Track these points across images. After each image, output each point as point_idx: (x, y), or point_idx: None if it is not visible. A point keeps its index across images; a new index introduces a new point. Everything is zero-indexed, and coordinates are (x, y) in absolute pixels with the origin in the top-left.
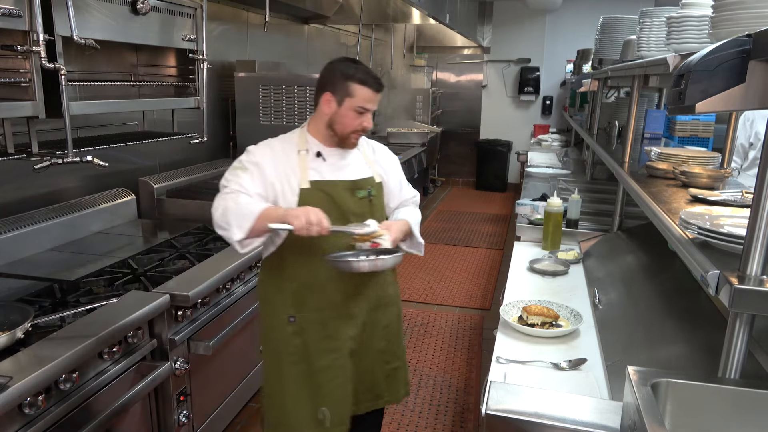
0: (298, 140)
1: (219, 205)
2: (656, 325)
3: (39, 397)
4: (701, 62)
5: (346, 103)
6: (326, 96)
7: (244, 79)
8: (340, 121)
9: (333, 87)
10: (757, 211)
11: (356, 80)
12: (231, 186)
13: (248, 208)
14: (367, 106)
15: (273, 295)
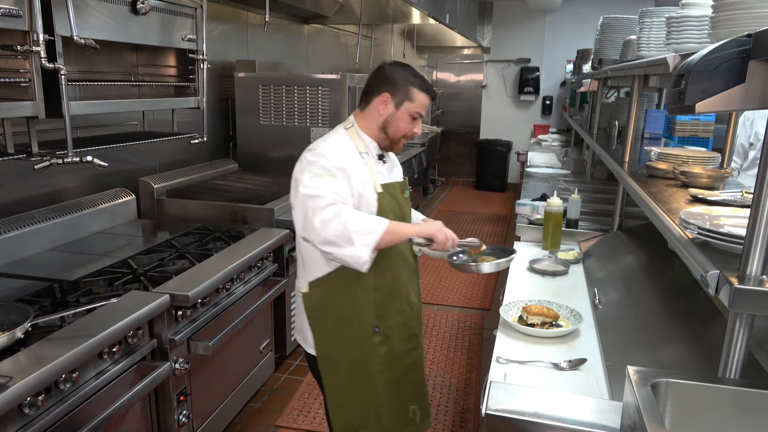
0: (356, 141)
1: (331, 220)
2: (656, 325)
3: (39, 397)
4: (701, 62)
5: (404, 107)
6: (384, 96)
7: (244, 79)
8: (395, 124)
9: (393, 89)
10: (757, 211)
11: (417, 86)
12: (328, 196)
13: (371, 222)
14: (422, 112)
15: (347, 307)
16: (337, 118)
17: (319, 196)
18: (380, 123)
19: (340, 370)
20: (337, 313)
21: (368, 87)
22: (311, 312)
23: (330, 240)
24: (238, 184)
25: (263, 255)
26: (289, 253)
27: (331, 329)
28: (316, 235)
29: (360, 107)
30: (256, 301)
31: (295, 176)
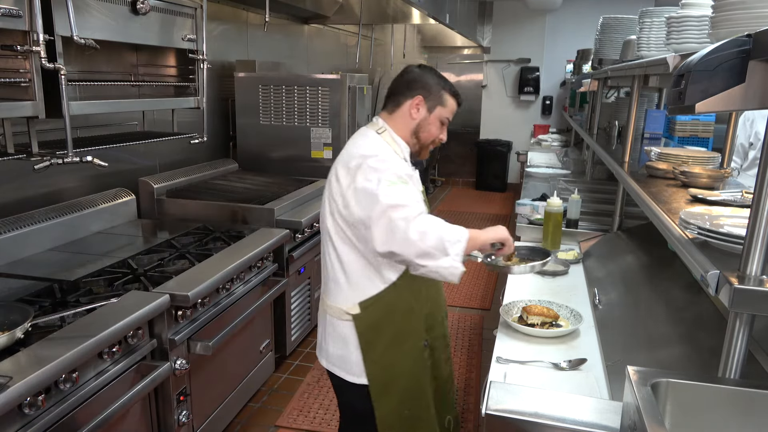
0: (394, 147)
1: (427, 231)
2: (656, 325)
3: (39, 397)
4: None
5: (436, 111)
6: (417, 100)
7: (244, 79)
8: (426, 129)
9: (426, 92)
10: (757, 211)
11: (449, 90)
12: (413, 206)
13: (455, 230)
14: (450, 118)
15: (403, 324)
16: (337, 118)
17: (405, 205)
18: (413, 127)
19: (394, 394)
20: (392, 332)
21: (397, 89)
22: (365, 335)
23: (427, 252)
24: (238, 184)
25: (263, 255)
26: (289, 253)
27: (385, 351)
28: (413, 246)
29: (387, 110)
30: (256, 301)
31: (362, 186)
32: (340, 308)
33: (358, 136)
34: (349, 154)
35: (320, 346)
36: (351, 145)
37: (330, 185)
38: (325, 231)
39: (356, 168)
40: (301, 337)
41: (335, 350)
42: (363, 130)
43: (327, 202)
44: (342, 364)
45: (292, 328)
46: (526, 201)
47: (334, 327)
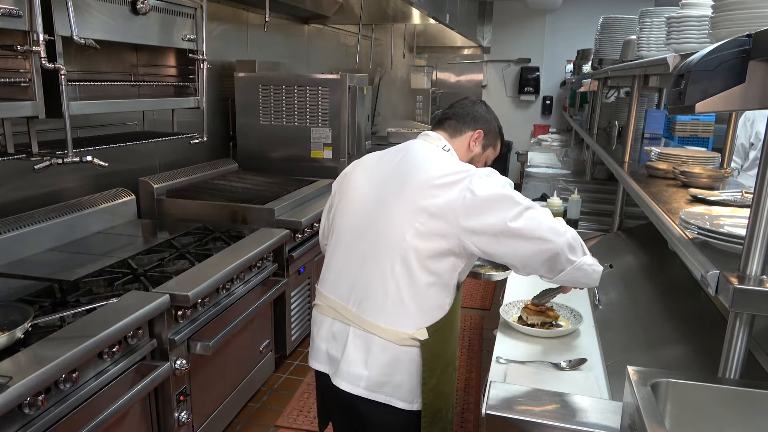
0: None
1: (558, 224)
2: (656, 325)
3: (39, 397)
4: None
5: (487, 152)
6: (477, 134)
7: (244, 79)
8: (474, 164)
9: (487, 131)
10: (757, 211)
11: (501, 137)
12: (535, 204)
13: None
14: (490, 164)
15: (453, 347)
16: (337, 118)
17: (532, 205)
18: (467, 158)
19: (442, 419)
20: (448, 357)
21: (462, 116)
22: (429, 361)
23: (573, 244)
24: (238, 184)
25: (263, 255)
26: (289, 253)
27: (441, 375)
28: (561, 236)
29: (447, 132)
30: (256, 301)
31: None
32: (403, 333)
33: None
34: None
35: (348, 373)
36: (425, 162)
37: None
38: (389, 249)
39: (463, 180)
40: (301, 337)
41: (380, 377)
42: (425, 145)
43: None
44: (391, 390)
45: (292, 328)
46: None
47: (389, 352)
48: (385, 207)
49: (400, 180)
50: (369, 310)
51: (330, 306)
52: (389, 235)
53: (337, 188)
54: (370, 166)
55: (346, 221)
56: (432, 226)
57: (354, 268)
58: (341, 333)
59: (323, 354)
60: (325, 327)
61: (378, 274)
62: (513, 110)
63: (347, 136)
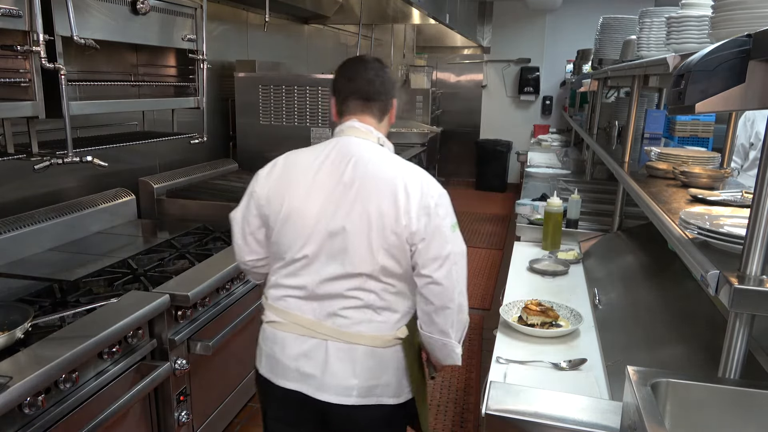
0: None
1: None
2: (656, 325)
3: (39, 397)
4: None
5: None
6: (394, 103)
7: (244, 79)
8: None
9: (395, 90)
10: (757, 211)
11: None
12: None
13: None
14: None
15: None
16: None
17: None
18: (387, 131)
19: (425, 399)
20: (418, 340)
21: (382, 95)
22: (410, 354)
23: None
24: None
25: None
26: None
27: (419, 360)
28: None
29: (376, 118)
30: (257, 301)
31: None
32: (387, 336)
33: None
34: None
35: (334, 386)
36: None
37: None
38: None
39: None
40: None
41: (370, 381)
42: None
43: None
44: (381, 391)
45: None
46: (526, 201)
47: (375, 357)
48: (353, 230)
49: (363, 201)
50: (348, 322)
51: (297, 323)
52: (360, 256)
53: (264, 200)
54: (308, 174)
55: (302, 242)
56: (398, 249)
57: (325, 286)
58: (316, 350)
59: (293, 372)
60: (292, 346)
61: (353, 291)
62: (513, 110)
63: None
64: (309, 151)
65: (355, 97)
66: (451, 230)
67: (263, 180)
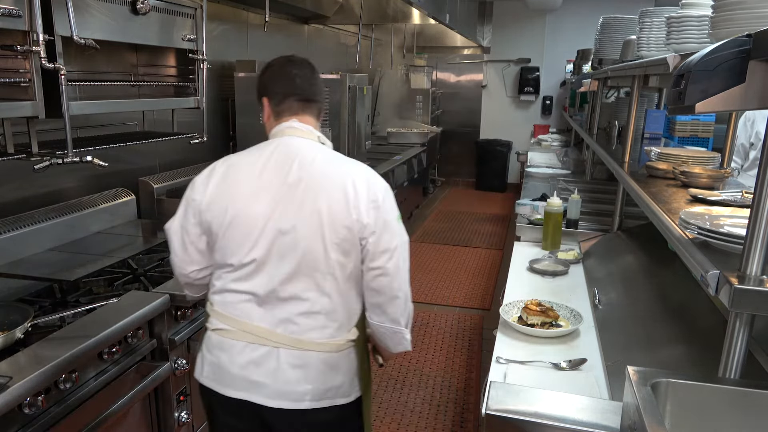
0: None
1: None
2: (656, 325)
3: (39, 397)
4: (701, 62)
5: None
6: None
7: (244, 79)
8: None
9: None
10: (757, 211)
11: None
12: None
13: None
14: None
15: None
16: (337, 118)
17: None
18: None
19: (370, 392)
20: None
21: (318, 95)
22: (361, 352)
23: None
24: None
25: None
26: None
27: (367, 356)
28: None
29: (314, 116)
30: None
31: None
32: (340, 341)
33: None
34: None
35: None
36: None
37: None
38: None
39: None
40: None
41: (323, 384)
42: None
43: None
44: (334, 393)
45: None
46: (526, 201)
47: (329, 362)
48: (304, 228)
49: (312, 199)
50: (300, 329)
51: (246, 331)
52: (313, 256)
53: (205, 206)
54: (251, 176)
55: (250, 245)
56: (350, 244)
57: (278, 290)
58: (267, 357)
59: (241, 381)
60: (242, 354)
61: (306, 292)
62: (513, 110)
63: (347, 136)
64: (249, 153)
65: (295, 97)
66: (397, 222)
67: (201, 186)
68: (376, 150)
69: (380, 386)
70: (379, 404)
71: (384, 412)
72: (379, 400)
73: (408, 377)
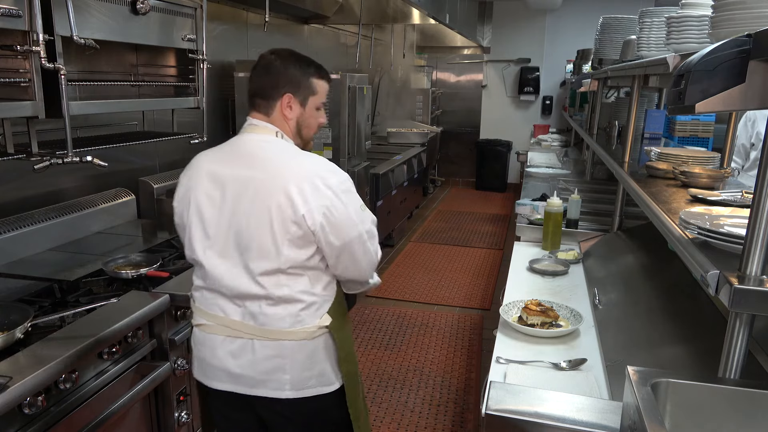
0: None
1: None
2: (656, 325)
3: (39, 397)
4: (701, 62)
5: (309, 103)
6: (287, 99)
7: (244, 79)
8: (306, 124)
9: (294, 88)
10: (757, 211)
11: (316, 74)
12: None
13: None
14: (326, 100)
15: (344, 310)
16: (337, 118)
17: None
18: (292, 127)
19: (358, 381)
20: (347, 323)
21: (263, 89)
22: (340, 339)
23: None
24: None
25: None
26: None
27: (350, 347)
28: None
29: (262, 113)
30: None
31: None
32: (311, 328)
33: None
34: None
35: (265, 381)
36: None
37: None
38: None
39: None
40: None
41: (303, 373)
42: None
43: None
44: (317, 381)
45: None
46: (526, 201)
47: (304, 349)
48: (255, 226)
49: (261, 196)
50: (269, 320)
51: (222, 324)
52: (265, 251)
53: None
54: (218, 179)
55: (208, 243)
56: (302, 239)
57: (238, 284)
58: (243, 349)
59: (222, 373)
60: (220, 347)
61: (268, 286)
62: (513, 110)
63: (347, 136)
64: (211, 152)
65: (250, 95)
66: (360, 210)
67: (184, 182)
68: (376, 150)
69: (380, 386)
70: (379, 404)
71: (384, 412)
72: (379, 400)
73: (408, 377)
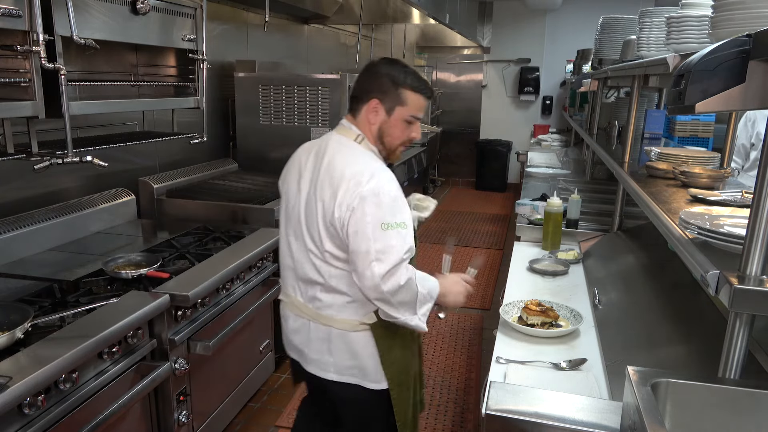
0: (376, 158)
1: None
2: (656, 325)
3: (39, 397)
4: (701, 62)
5: (396, 113)
6: (373, 103)
7: (243, 79)
8: (389, 133)
9: (382, 94)
10: (757, 211)
11: (410, 86)
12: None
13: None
14: (418, 116)
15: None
16: (337, 118)
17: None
18: (375, 132)
19: (408, 389)
20: (401, 335)
21: (356, 93)
22: (383, 341)
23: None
24: (238, 184)
25: (263, 255)
26: None
27: (400, 353)
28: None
29: (352, 114)
30: (256, 301)
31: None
32: (353, 320)
33: (342, 148)
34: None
35: (316, 360)
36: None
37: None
38: (312, 253)
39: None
40: None
41: (345, 361)
42: (342, 140)
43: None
44: (359, 373)
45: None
46: (526, 201)
47: (346, 339)
48: (312, 215)
49: (319, 191)
50: (322, 305)
51: (291, 303)
52: (318, 242)
53: (283, 182)
54: (302, 166)
55: (284, 224)
56: (339, 239)
57: (295, 269)
58: (303, 327)
59: (292, 345)
60: (290, 321)
61: (314, 274)
62: (513, 110)
63: None
64: (308, 144)
65: (349, 96)
66: (379, 228)
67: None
68: None
69: None
70: None
71: None
72: None
73: None
